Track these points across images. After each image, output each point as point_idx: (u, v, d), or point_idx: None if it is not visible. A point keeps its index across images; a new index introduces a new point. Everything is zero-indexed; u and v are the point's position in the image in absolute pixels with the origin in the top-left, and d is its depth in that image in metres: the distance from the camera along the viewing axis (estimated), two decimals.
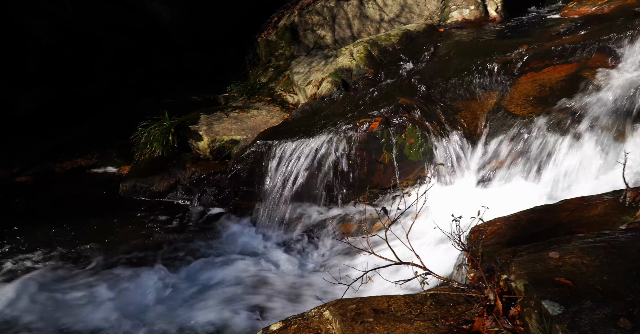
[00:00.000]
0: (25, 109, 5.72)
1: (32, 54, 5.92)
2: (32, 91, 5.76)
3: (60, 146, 5.14)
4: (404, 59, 5.10)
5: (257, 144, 4.45)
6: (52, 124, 5.54)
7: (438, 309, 1.83)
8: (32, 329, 2.86)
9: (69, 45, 6.22)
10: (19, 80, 5.71)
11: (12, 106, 5.62)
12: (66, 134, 5.39)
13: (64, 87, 6.02)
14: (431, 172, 3.82)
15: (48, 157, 4.89)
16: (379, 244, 2.41)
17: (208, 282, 3.41)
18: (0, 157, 4.78)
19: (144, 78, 6.98)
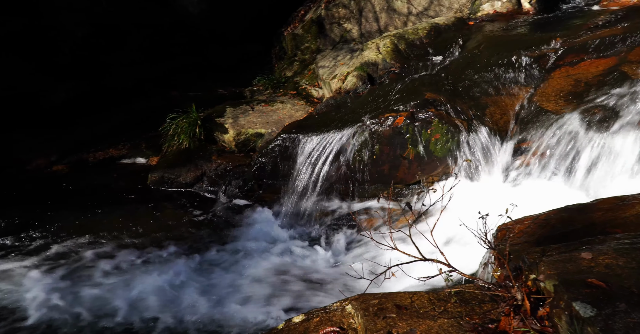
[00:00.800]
0: (58, 100, 5.95)
1: (65, 47, 6.14)
2: (65, 83, 5.98)
3: (92, 137, 5.33)
4: (431, 53, 5.01)
5: (281, 137, 4.47)
6: (83, 115, 5.74)
7: (462, 307, 1.81)
8: (63, 310, 2.98)
9: (100, 39, 6.41)
10: (53, 73, 5.93)
11: (46, 98, 5.85)
12: (97, 126, 5.58)
13: (95, 79, 6.23)
14: (457, 169, 3.75)
15: (81, 147, 5.09)
16: (402, 240, 2.40)
17: (231, 272, 3.47)
18: (38, 148, 5.01)
19: (171, 71, 7.13)
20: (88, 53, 6.28)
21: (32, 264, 3.42)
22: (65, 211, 4.04)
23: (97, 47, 6.38)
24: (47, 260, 3.53)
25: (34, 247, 3.63)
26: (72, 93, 5.98)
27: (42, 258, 3.53)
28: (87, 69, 6.23)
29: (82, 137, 5.29)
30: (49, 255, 3.56)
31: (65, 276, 3.31)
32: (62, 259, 3.49)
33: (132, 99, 6.22)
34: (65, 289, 3.17)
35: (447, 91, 4.28)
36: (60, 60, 6.06)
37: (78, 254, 3.57)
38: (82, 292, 3.17)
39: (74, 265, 3.44)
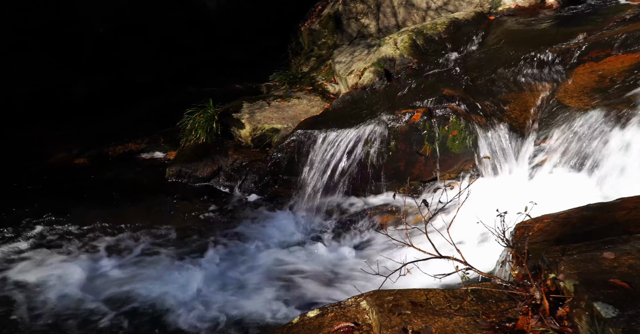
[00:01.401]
0: (80, 95, 6.09)
1: (87, 42, 6.26)
2: (86, 78, 6.11)
3: (112, 131, 5.44)
4: (450, 48, 4.93)
5: (297, 133, 4.48)
6: (104, 110, 5.87)
7: (479, 305, 1.79)
8: (86, 299, 3.07)
9: (120, 34, 6.52)
10: (75, 68, 6.07)
11: (68, 93, 6.00)
12: (117, 120, 5.69)
13: (115, 75, 6.34)
14: (475, 166, 3.70)
15: (102, 141, 5.20)
16: (418, 237, 2.38)
17: (245, 266, 3.51)
18: (61, 141, 5.15)
19: (189, 67, 7.20)
20: (109, 48, 6.40)
21: (55, 253, 3.52)
22: (86, 203, 4.16)
23: (118, 43, 6.50)
24: (69, 250, 3.63)
25: (57, 238, 3.73)
26: (93, 88, 6.12)
27: (64, 248, 3.64)
28: (107, 64, 6.35)
29: (103, 131, 5.41)
30: (70, 245, 3.66)
31: (85, 266, 3.40)
32: (82, 250, 3.59)
33: (150, 94, 6.33)
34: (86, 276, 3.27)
35: (466, 87, 4.22)
36: (82, 56, 6.20)
37: (98, 246, 3.66)
38: (99, 280, 3.25)
39: (94, 255, 3.53)
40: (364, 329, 1.93)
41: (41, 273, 3.31)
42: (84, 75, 6.09)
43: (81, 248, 3.62)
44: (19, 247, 3.59)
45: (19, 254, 3.51)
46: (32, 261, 3.44)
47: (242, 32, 7.74)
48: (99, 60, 6.33)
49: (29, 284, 3.19)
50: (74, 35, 6.10)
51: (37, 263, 3.43)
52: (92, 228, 3.89)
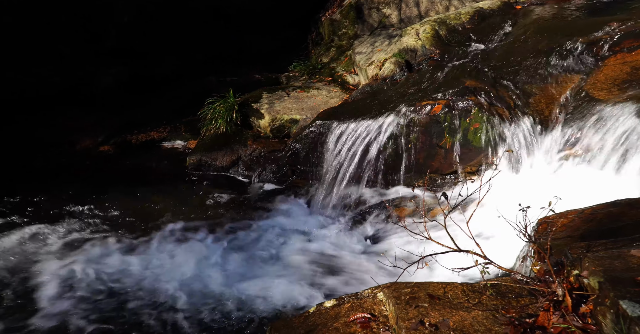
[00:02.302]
0: (105, 84, 6.23)
1: (112, 32, 6.37)
2: (112, 68, 6.24)
3: (136, 119, 5.57)
4: (474, 39, 4.82)
5: (315, 124, 4.47)
6: (128, 99, 5.99)
7: (498, 300, 1.76)
8: (101, 281, 3.17)
9: (144, 24, 6.60)
10: (101, 58, 6.19)
11: (95, 81, 6.14)
12: (140, 109, 5.81)
13: (138, 64, 6.45)
14: (497, 159, 3.63)
15: (125, 129, 5.33)
16: (436, 231, 2.36)
17: (262, 255, 3.55)
18: (87, 129, 5.33)
19: (210, 57, 7.24)
20: (133, 38, 6.49)
21: (80, 237, 3.64)
22: (110, 189, 4.28)
23: (141, 33, 6.58)
24: (94, 232, 3.76)
25: (82, 222, 3.86)
26: (117, 77, 6.24)
27: (89, 231, 3.76)
28: (132, 54, 6.46)
29: (126, 120, 5.54)
30: (95, 230, 3.78)
31: (107, 249, 3.51)
32: (105, 234, 3.70)
33: (172, 84, 6.42)
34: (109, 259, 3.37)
35: (489, 79, 4.12)
36: (107, 45, 6.33)
37: (120, 231, 3.76)
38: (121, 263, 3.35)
39: (115, 240, 3.63)
40: (381, 321, 1.93)
41: (69, 256, 3.42)
42: (110, 65, 6.22)
43: (104, 233, 3.73)
44: (45, 230, 3.72)
45: (45, 237, 3.64)
46: (58, 244, 3.56)
47: (262, 22, 7.72)
48: (124, 50, 6.44)
49: (54, 267, 3.30)
50: (100, 25, 6.22)
51: (63, 245, 3.55)
52: (115, 214, 4.01)
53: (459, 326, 1.68)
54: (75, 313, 2.91)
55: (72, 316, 2.88)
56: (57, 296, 3.05)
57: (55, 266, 3.32)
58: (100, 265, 3.33)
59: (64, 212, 3.99)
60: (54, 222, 3.84)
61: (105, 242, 3.60)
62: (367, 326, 1.91)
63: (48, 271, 3.28)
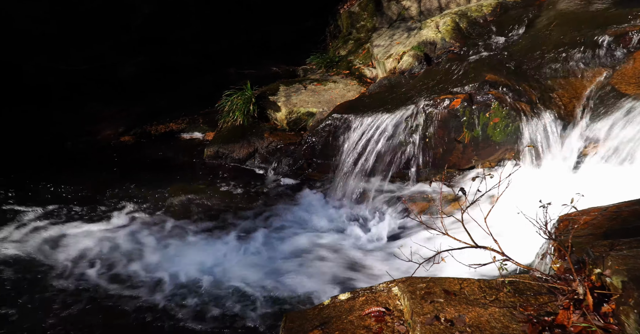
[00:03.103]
0: (126, 75, 6.34)
1: (134, 23, 6.47)
2: (133, 59, 6.35)
3: (155, 110, 5.66)
4: (495, 31, 4.71)
5: (332, 117, 4.45)
6: (148, 90, 6.10)
7: (516, 298, 1.74)
8: (114, 271, 3.25)
9: (165, 16, 6.68)
10: (123, 49, 6.31)
11: (117, 72, 6.27)
12: (160, 100, 5.91)
13: (159, 56, 6.54)
14: (516, 155, 3.56)
15: (145, 120, 5.43)
16: (453, 226, 2.34)
17: (278, 247, 3.57)
18: (109, 118, 5.46)
19: (229, 49, 7.27)
20: (154, 30, 6.58)
21: (99, 223, 3.74)
22: (130, 178, 4.38)
23: (162, 24, 6.67)
24: (113, 217, 3.85)
25: (103, 208, 3.95)
26: (138, 68, 6.36)
27: (109, 218, 3.86)
28: (152, 45, 6.56)
29: (146, 111, 5.64)
30: (114, 216, 3.87)
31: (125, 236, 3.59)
32: (124, 221, 3.79)
33: (192, 75, 6.51)
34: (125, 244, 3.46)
35: (511, 73, 4.03)
36: (129, 36, 6.44)
37: (138, 218, 3.84)
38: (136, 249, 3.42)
39: (133, 227, 3.71)
40: (395, 315, 1.93)
41: (88, 241, 3.51)
42: (131, 56, 6.34)
43: (123, 219, 3.81)
44: (65, 214, 3.83)
45: (64, 220, 3.74)
46: (78, 228, 3.65)
47: (281, 14, 7.70)
48: (145, 41, 6.55)
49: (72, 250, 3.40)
50: (123, 16, 6.33)
51: (83, 230, 3.64)
52: (134, 201, 4.09)
53: (475, 323, 1.67)
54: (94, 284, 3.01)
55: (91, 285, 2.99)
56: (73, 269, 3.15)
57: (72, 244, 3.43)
58: (116, 250, 3.41)
59: (86, 198, 4.11)
60: (74, 207, 3.95)
61: (123, 228, 3.68)
62: (381, 320, 1.91)
63: (69, 247, 3.37)
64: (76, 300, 2.96)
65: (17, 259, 3.35)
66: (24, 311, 2.90)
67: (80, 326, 2.77)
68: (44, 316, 2.84)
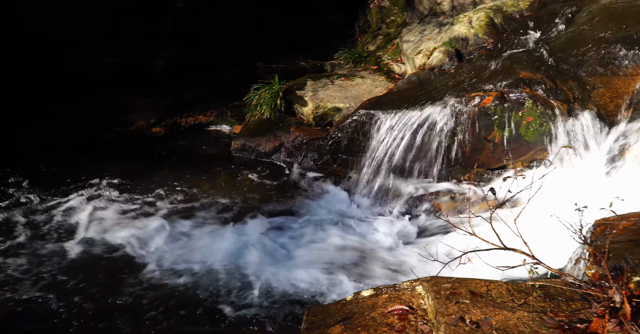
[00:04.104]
0: (159, 67, 6.51)
1: (167, 16, 6.62)
2: (166, 51, 6.50)
3: (185, 103, 5.79)
4: (532, 27, 4.54)
5: (359, 113, 4.42)
6: (179, 82, 6.24)
7: (547, 303, 1.68)
8: (141, 259, 3.34)
9: (196, 10, 6.80)
10: (156, 42, 6.48)
11: (149, 64, 6.44)
12: (190, 92, 6.04)
13: (190, 48, 6.68)
14: (550, 155, 3.43)
15: (176, 112, 5.57)
16: (480, 227, 2.28)
17: (302, 241, 3.59)
18: (142, 109, 5.65)
19: (258, 43, 7.32)
20: (185, 23, 6.72)
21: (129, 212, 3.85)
22: (159, 169, 4.51)
23: (194, 18, 6.79)
24: (142, 205, 3.96)
25: (132, 199, 4.07)
26: (170, 61, 6.52)
27: (139, 209, 3.96)
28: (184, 38, 6.70)
29: (177, 103, 5.78)
30: (143, 206, 3.97)
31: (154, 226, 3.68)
32: (152, 211, 3.89)
33: (221, 68, 6.62)
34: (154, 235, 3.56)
35: (547, 70, 3.88)
36: (162, 30, 6.60)
37: (166, 208, 3.94)
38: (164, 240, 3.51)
39: (161, 218, 3.80)
40: (419, 314, 1.90)
41: (118, 231, 3.62)
42: (164, 49, 6.50)
43: (149, 210, 3.92)
44: (97, 204, 3.96)
45: (95, 210, 3.87)
46: (109, 218, 3.78)
47: (310, 8, 7.69)
48: (178, 34, 6.69)
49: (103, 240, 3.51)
50: (157, 10, 6.50)
51: (114, 219, 3.76)
52: (163, 190, 4.21)
53: (502, 326, 1.63)
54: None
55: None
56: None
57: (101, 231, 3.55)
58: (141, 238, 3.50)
59: (118, 186, 4.24)
60: (107, 194, 4.09)
61: (150, 216, 3.79)
62: (404, 318, 1.88)
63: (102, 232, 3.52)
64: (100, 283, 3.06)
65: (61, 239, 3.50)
66: (58, 286, 3.01)
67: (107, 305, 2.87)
68: (78, 294, 2.95)
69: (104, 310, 2.87)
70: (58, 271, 3.20)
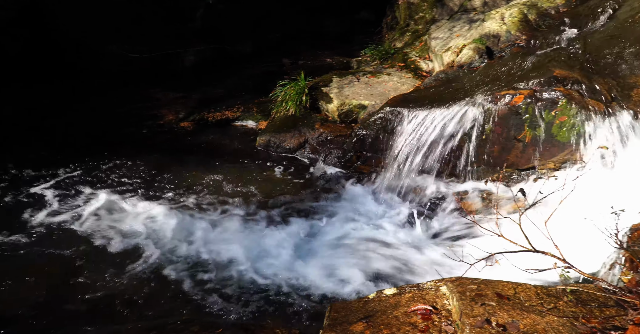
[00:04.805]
0: (188, 63, 6.66)
1: (197, 13, 6.76)
2: (195, 47, 6.64)
3: (213, 98, 5.89)
4: (568, 23, 4.37)
5: (384, 110, 4.37)
6: (206, 78, 6.34)
7: (578, 308, 1.62)
8: (167, 250, 3.40)
9: (226, 6, 6.90)
10: (186, 38, 6.63)
11: (179, 60, 6.60)
12: (217, 88, 6.14)
13: (219, 44, 6.79)
14: (584, 157, 3.30)
15: (203, 107, 5.68)
16: (507, 228, 2.22)
17: (325, 237, 3.59)
18: (171, 104, 5.80)
19: (284, 39, 7.37)
20: (215, 20, 6.83)
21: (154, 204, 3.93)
22: (186, 162, 4.59)
23: (223, 14, 6.89)
24: (169, 197, 4.05)
25: (159, 191, 4.17)
26: (199, 57, 6.65)
27: (166, 195, 4.07)
28: (212, 35, 6.81)
29: (204, 98, 5.90)
30: (169, 199, 4.06)
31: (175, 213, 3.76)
32: (177, 204, 3.97)
33: (248, 64, 6.69)
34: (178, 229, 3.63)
35: (583, 68, 3.74)
36: (192, 26, 6.74)
37: (192, 201, 4.01)
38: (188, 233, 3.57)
39: (186, 210, 3.88)
40: (443, 315, 1.87)
41: (139, 223, 3.70)
42: (193, 45, 6.64)
43: (176, 202, 4.00)
44: (120, 195, 4.07)
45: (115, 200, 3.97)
46: (136, 209, 3.87)
47: (336, 5, 7.68)
48: (206, 30, 6.82)
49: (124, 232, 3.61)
50: (187, 6, 6.64)
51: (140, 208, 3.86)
52: (189, 182, 4.29)
53: (530, 330, 1.58)
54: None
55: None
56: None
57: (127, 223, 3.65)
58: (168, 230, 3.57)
59: (145, 177, 4.35)
60: (136, 185, 4.21)
61: (178, 209, 3.86)
62: (428, 318, 1.86)
63: (123, 227, 3.60)
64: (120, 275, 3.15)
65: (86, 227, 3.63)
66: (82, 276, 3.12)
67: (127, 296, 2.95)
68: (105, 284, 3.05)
69: (141, 294, 2.96)
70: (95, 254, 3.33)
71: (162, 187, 4.21)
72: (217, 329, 2.14)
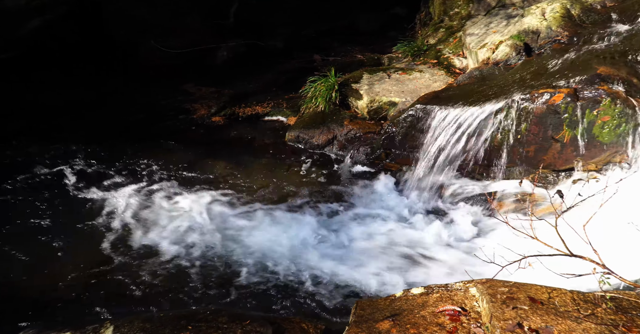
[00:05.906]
0: (222, 58, 6.78)
1: (232, 9, 6.88)
2: (228, 42, 6.76)
3: (244, 93, 6.00)
4: (616, 19, 4.15)
5: (415, 108, 4.30)
6: (238, 73, 6.45)
7: (618, 316, 1.55)
8: (200, 241, 3.48)
9: (258, 2, 6.99)
10: (220, 34, 6.76)
11: (212, 55, 6.73)
12: (248, 83, 6.24)
13: (251, 40, 6.88)
14: (628, 158, 3.14)
15: (234, 102, 5.80)
16: (541, 231, 2.14)
17: (352, 233, 3.57)
18: (203, 99, 5.96)
19: (316, 35, 7.36)
20: (248, 15, 6.92)
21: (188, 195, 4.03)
22: (217, 155, 4.70)
23: (256, 10, 6.97)
24: (199, 189, 4.14)
25: (191, 182, 4.27)
26: (231, 52, 6.77)
27: (196, 187, 4.16)
28: (245, 30, 6.91)
29: (235, 93, 6.02)
30: (201, 185, 4.16)
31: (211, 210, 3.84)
32: (209, 195, 4.05)
33: (279, 60, 6.76)
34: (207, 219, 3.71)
35: (630, 66, 3.55)
36: (226, 23, 6.86)
37: (222, 193, 4.08)
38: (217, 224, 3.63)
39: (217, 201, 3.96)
40: (472, 317, 1.83)
41: (175, 214, 3.81)
42: (226, 40, 6.77)
43: (210, 195, 4.08)
44: (156, 186, 4.19)
45: (153, 191, 4.09)
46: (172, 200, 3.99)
47: (368, 0, 7.60)
48: (240, 27, 6.93)
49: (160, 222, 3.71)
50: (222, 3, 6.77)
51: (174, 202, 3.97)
52: (219, 175, 4.38)
53: None
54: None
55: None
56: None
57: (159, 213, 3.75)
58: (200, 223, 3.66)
59: (181, 170, 4.46)
60: (168, 176, 4.33)
61: (209, 202, 3.94)
62: (456, 320, 1.82)
63: (160, 218, 3.70)
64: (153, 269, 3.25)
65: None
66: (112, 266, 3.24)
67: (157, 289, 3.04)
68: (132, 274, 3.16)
69: (174, 283, 3.05)
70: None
71: (196, 180, 4.32)
72: (244, 320, 2.17)
